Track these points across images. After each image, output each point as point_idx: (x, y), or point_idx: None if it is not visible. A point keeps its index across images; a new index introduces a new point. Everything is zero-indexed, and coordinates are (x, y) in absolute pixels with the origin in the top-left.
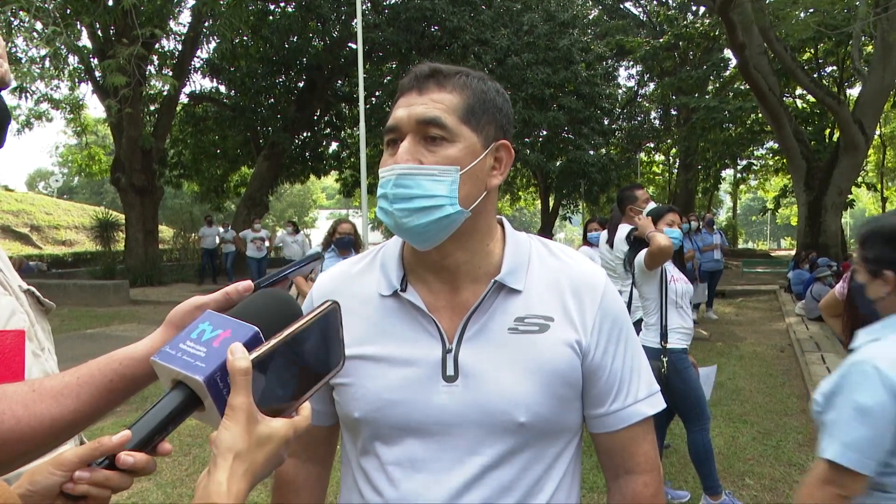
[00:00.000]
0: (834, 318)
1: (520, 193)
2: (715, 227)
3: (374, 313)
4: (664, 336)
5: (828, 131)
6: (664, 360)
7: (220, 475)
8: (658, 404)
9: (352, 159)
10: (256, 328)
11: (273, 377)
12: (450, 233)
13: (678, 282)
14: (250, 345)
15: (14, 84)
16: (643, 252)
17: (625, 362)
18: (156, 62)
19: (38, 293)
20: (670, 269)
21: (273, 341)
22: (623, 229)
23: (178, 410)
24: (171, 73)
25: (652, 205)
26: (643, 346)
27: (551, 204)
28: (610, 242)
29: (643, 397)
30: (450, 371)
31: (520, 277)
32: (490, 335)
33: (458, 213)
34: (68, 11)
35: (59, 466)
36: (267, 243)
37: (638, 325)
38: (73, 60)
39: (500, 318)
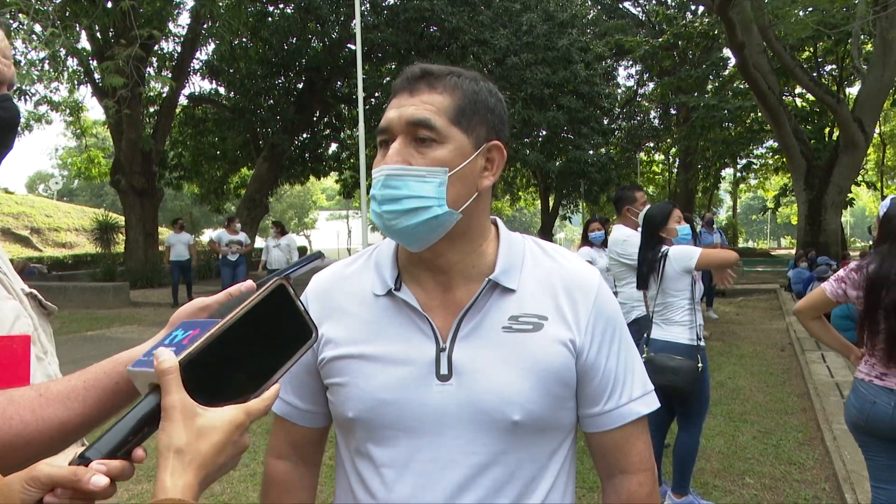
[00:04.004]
0: (816, 320)
1: (520, 193)
2: (715, 226)
3: (369, 313)
4: (699, 335)
5: (827, 130)
6: (700, 357)
7: (162, 474)
8: (652, 403)
9: (351, 160)
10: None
11: (223, 369)
12: (440, 234)
13: (698, 282)
14: None
15: (15, 86)
16: (691, 250)
17: (619, 361)
18: (155, 64)
19: (40, 296)
20: None
21: (204, 336)
22: (618, 230)
23: (153, 413)
24: (170, 75)
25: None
26: (672, 343)
27: (551, 204)
28: None
29: (637, 396)
30: (443, 370)
31: (514, 277)
32: (484, 334)
33: (446, 215)
34: (67, 14)
35: (34, 483)
36: (242, 248)
37: (633, 325)
38: (72, 63)
39: (493, 316)
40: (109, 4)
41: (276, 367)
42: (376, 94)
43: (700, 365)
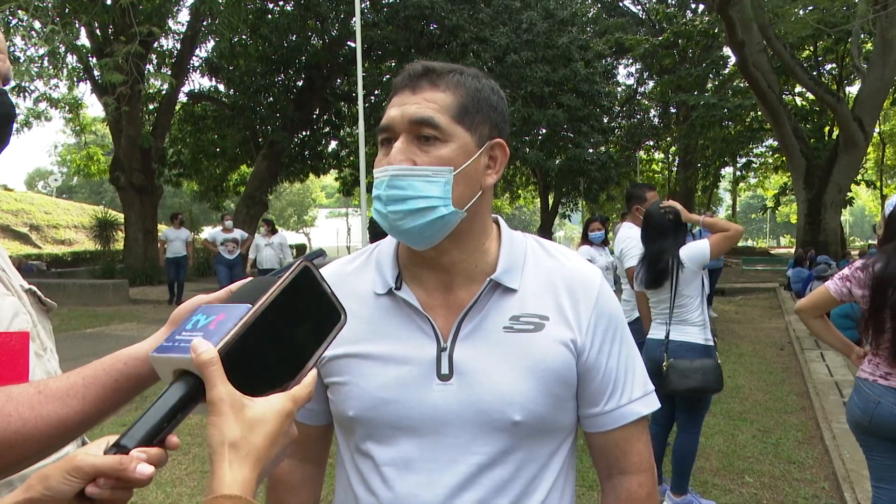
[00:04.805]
0: (818, 319)
1: (519, 192)
2: None
3: (369, 312)
4: (715, 332)
5: (827, 129)
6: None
7: (218, 470)
8: (653, 404)
9: (351, 158)
10: (249, 304)
11: (259, 357)
12: (446, 233)
13: (705, 278)
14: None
15: (13, 83)
16: (700, 244)
17: (619, 362)
18: (154, 61)
19: (39, 293)
20: None
21: (239, 323)
22: (626, 228)
23: (185, 399)
24: (169, 72)
25: None
26: (688, 343)
27: (551, 202)
28: None
29: (638, 397)
30: (444, 370)
31: (515, 276)
32: (485, 334)
33: (452, 214)
34: (66, 10)
35: (76, 473)
36: (240, 248)
37: (635, 324)
38: (71, 59)
39: (494, 316)
40: (109, 1)
41: (309, 352)
42: (376, 92)
43: (718, 362)
